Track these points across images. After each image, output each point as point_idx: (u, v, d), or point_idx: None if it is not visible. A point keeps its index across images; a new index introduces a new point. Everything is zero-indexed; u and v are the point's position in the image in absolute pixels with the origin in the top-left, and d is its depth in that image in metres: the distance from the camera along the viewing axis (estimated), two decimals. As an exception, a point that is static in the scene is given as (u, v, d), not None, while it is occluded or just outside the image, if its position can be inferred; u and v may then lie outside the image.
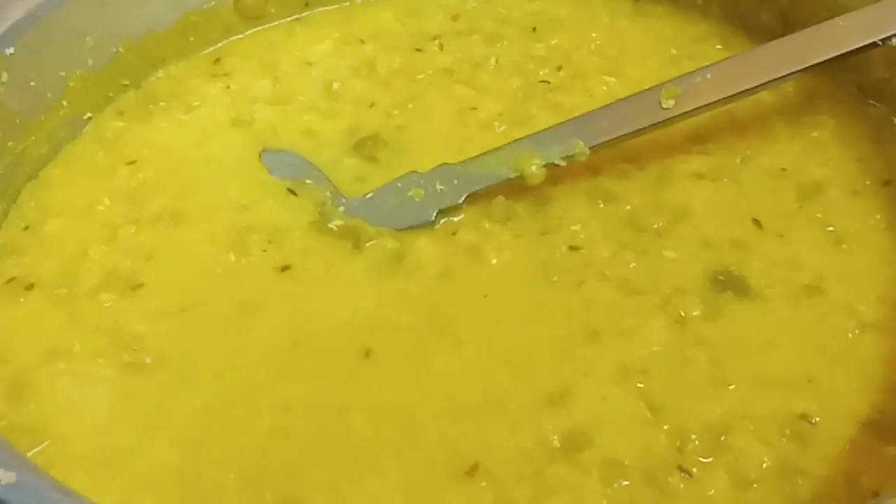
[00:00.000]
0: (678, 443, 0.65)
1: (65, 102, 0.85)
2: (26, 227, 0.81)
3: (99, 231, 0.80)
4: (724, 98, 0.80)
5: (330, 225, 0.79)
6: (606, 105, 0.82)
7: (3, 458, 0.57)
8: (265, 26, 0.98)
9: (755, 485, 0.63)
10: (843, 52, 0.79)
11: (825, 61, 0.80)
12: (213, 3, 0.94)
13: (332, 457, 0.66)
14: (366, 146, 0.86)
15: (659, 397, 0.68)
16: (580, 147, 0.79)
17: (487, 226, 0.79)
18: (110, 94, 0.90)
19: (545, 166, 0.80)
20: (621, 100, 0.82)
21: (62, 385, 0.70)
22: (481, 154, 0.82)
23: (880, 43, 0.78)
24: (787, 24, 0.90)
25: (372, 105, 0.90)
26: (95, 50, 0.87)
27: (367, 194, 0.81)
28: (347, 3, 1.00)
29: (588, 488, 0.63)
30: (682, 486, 0.63)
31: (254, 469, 0.65)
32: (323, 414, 0.68)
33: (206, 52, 0.96)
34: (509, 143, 0.82)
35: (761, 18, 0.92)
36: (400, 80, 0.92)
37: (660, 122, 0.80)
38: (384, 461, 0.66)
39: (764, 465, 0.64)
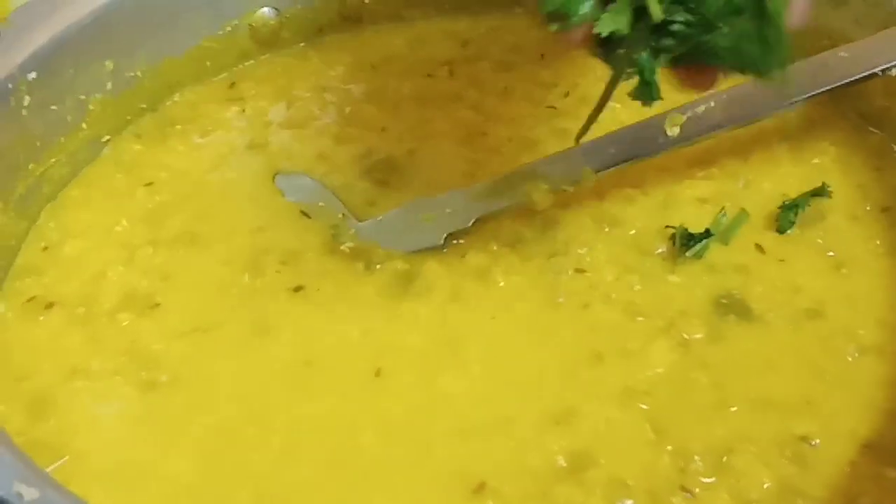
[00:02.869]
0: (681, 463, 0.67)
1: (84, 125, 0.87)
2: (46, 248, 0.82)
3: (117, 252, 0.81)
4: (728, 125, 0.82)
5: (342, 247, 0.80)
6: (612, 131, 0.83)
7: (26, 474, 0.58)
8: (279, 52, 0.99)
9: (756, 505, 0.65)
10: (844, 81, 0.81)
11: (827, 90, 0.81)
12: (228, 28, 0.95)
13: (342, 475, 0.67)
14: (377, 170, 0.88)
15: (662, 419, 0.69)
16: (587, 172, 0.81)
17: (495, 248, 0.80)
18: (128, 118, 0.91)
19: (552, 191, 0.81)
20: (627, 126, 0.84)
21: (81, 402, 0.72)
22: (490, 179, 0.83)
23: (880, 73, 0.80)
24: (789, 54, 0.91)
25: (383, 130, 0.91)
26: (114, 74, 0.88)
27: (378, 217, 0.83)
28: (359, 30, 1.01)
29: (593, 507, 0.65)
30: (684, 505, 0.65)
31: (266, 487, 0.67)
32: (334, 432, 0.69)
33: (221, 76, 0.97)
34: (517, 167, 0.83)
35: (764, 47, 0.94)
36: (410, 105, 0.93)
37: (664, 149, 0.82)
38: (393, 479, 0.67)
39: (765, 487, 0.65)
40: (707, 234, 0.79)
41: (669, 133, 0.81)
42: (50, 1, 0.83)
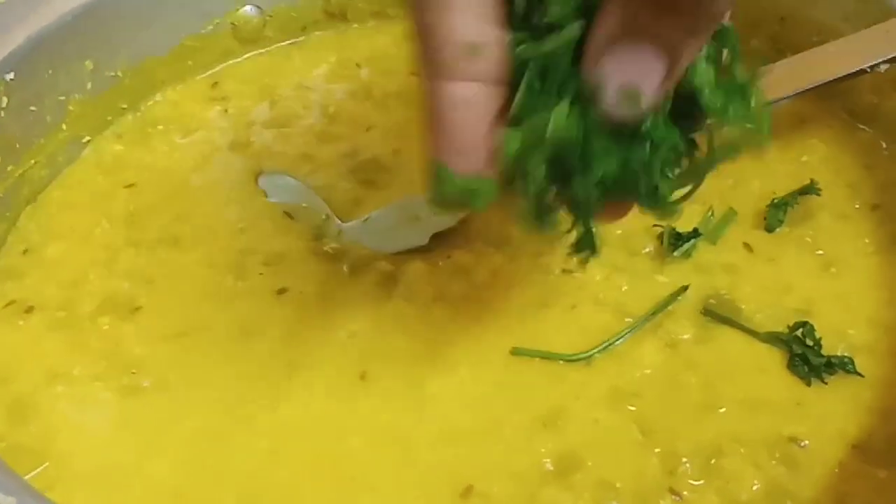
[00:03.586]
0: (669, 465, 0.66)
1: (64, 126, 0.86)
2: (26, 251, 0.81)
3: (98, 254, 0.81)
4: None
5: (326, 248, 0.80)
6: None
7: (2, 481, 0.58)
8: (262, 50, 0.98)
9: (745, 507, 0.64)
10: (832, 77, 0.80)
11: (815, 87, 0.81)
12: (210, 27, 0.94)
13: (328, 479, 0.67)
14: (362, 170, 0.87)
15: (650, 420, 0.69)
16: (573, 171, 0.80)
17: (481, 249, 0.79)
18: (109, 118, 0.90)
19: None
20: (614, 124, 0.83)
21: (62, 407, 0.71)
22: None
23: (869, 69, 0.79)
24: (778, 50, 0.90)
25: (368, 129, 0.90)
26: (94, 74, 0.87)
27: (362, 217, 0.82)
28: (344, 28, 1.01)
29: (581, 511, 0.64)
30: (673, 508, 0.64)
31: (251, 491, 0.66)
32: (319, 436, 0.69)
33: (203, 75, 0.96)
34: (504, 166, 0.83)
35: (753, 44, 0.93)
36: (396, 104, 0.93)
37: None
38: (379, 483, 0.66)
39: (754, 488, 0.65)
40: (695, 233, 0.78)
41: (656, 131, 0.81)
42: (27, 0, 0.82)
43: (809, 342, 0.71)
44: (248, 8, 0.96)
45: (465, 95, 0.51)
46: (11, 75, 0.80)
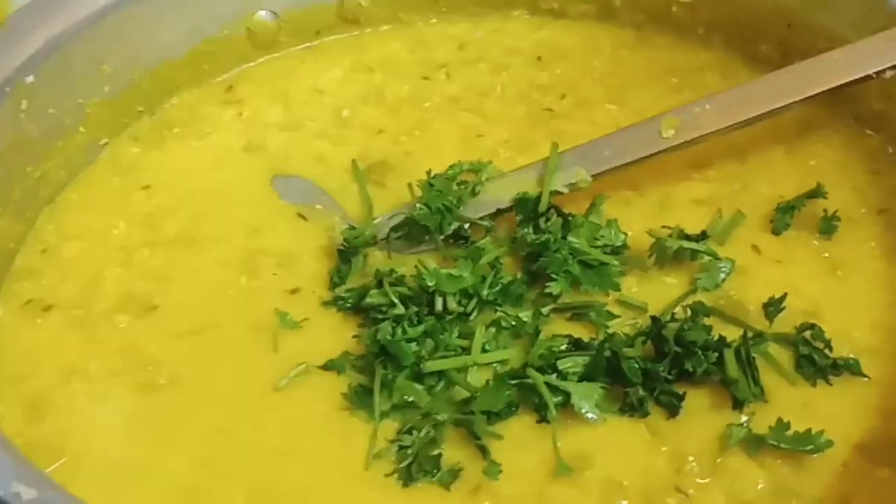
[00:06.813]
0: (676, 464, 0.67)
1: (82, 129, 0.87)
2: (44, 250, 0.83)
3: (114, 254, 0.82)
4: (723, 128, 0.82)
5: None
6: (608, 134, 0.84)
7: (24, 474, 0.59)
8: (277, 54, 0.99)
9: (750, 506, 0.65)
10: (839, 83, 0.81)
11: (823, 92, 0.81)
12: (226, 31, 0.95)
13: (336, 475, 0.68)
14: (374, 172, 0.88)
15: (658, 419, 0.69)
16: (582, 175, 0.81)
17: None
18: (126, 121, 0.92)
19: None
20: (623, 129, 0.84)
21: (79, 404, 0.72)
22: (485, 181, 0.83)
23: (874, 75, 0.80)
24: (786, 55, 0.91)
25: (380, 132, 0.92)
26: (112, 78, 0.88)
27: (374, 219, 0.83)
28: (357, 32, 1.01)
29: (588, 508, 0.65)
30: (679, 506, 0.65)
31: (261, 488, 0.67)
32: (329, 433, 0.70)
33: (219, 79, 0.97)
34: (514, 170, 0.84)
35: (761, 49, 0.94)
36: (408, 107, 0.94)
37: (660, 152, 0.82)
38: (388, 481, 0.67)
39: (759, 487, 0.66)
40: (703, 235, 0.79)
41: (665, 135, 0.81)
42: (47, 5, 0.83)
43: (819, 344, 0.72)
44: (262, 13, 0.97)
45: None
46: (31, 78, 0.81)
